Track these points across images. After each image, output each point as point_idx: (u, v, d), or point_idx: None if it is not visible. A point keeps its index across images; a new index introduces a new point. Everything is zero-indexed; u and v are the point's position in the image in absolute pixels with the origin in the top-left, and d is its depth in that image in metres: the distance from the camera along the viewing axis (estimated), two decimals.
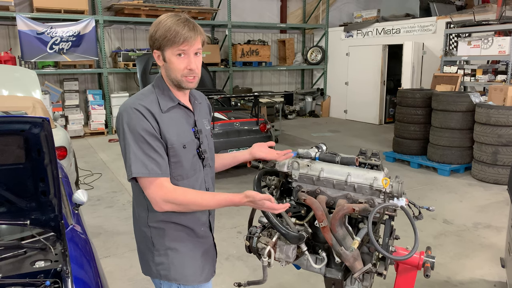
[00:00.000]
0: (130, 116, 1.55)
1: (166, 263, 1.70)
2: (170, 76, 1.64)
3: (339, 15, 12.90)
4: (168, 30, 1.54)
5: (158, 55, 1.63)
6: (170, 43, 1.56)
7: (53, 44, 8.65)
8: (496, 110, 5.69)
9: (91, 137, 9.43)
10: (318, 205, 1.86)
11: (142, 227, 1.72)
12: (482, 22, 7.46)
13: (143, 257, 1.76)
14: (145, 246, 1.72)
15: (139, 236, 1.76)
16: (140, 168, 1.53)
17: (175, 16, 1.58)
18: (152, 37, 1.60)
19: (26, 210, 1.91)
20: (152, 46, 1.63)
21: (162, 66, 1.65)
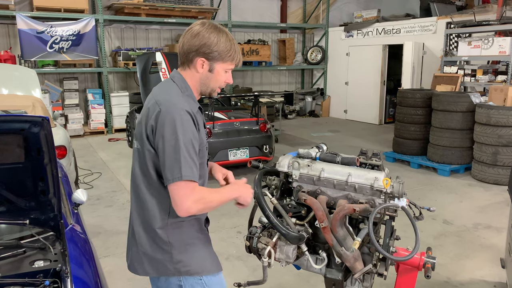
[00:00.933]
0: (183, 118, 1.54)
1: (186, 259, 1.69)
2: (207, 85, 1.70)
3: (339, 15, 12.89)
4: (232, 47, 1.65)
5: (202, 63, 1.64)
6: (229, 59, 1.66)
7: (53, 43, 8.64)
8: (496, 110, 5.68)
9: (91, 136, 9.42)
10: (318, 205, 1.85)
11: (156, 229, 1.66)
12: (483, 23, 7.46)
13: (154, 259, 1.69)
14: (158, 248, 1.67)
15: (147, 240, 1.69)
16: (189, 172, 1.53)
17: (226, 33, 1.66)
18: (210, 46, 1.61)
19: (26, 210, 1.90)
20: (204, 54, 1.63)
21: (199, 73, 1.67)
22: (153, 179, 1.63)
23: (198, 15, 10.48)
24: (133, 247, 1.75)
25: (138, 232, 1.71)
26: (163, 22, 10.09)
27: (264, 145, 6.15)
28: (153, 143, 1.58)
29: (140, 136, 1.64)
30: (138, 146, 1.66)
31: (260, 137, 6.13)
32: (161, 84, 1.73)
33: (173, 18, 9.97)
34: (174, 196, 1.54)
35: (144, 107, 1.69)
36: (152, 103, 1.62)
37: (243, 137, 6.00)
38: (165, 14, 9.89)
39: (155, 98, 1.63)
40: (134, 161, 1.71)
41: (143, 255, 1.70)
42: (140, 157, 1.65)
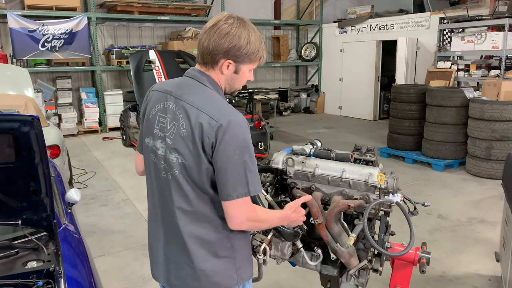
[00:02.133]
0: (244, 131, 1.45)
1: (246, 262, 1.64)
2: (232, 86, 1.60)
3: (333, 11, 12.87)
4: (260, 46, 1.55)
5: (228, 65, 1.53)
6: (256, 59, 1.57)
7: (45, 41, 8.56)
8: (489, 105, 5.71)
9: (85, 135, 9.37)
10: (313, 202, 1.85)
11: (221, 237, 1.56)
12: (476, 18, 7.48)
13: (215, 273, 1.57)
14: (220, 259, 1.57)
15: (207, 254, 1.56)
16: (257, 186, 1.48)
17: (254, 30, 1.54)
18: (240, 49, 1.49)
19: (18, 210, 1.88)
20: (232, 56, 1.51)
21: (224, 75, 1.55)
22: (212, 191, 1.51)
23: (192, 12, 10.44)
24: (184, 267, 1.58)
25: (193, 249, 1.55)
26: (156, 20, 10.02)
27: (259, 142, 6.14)
28: (210, 158, 1.46)
29: (189, 151, 1.47)
30: (184, 161, 1.49)
31: (255, 134, 6.12)
32: (191, 89, 1.54)
33: (166, 15, 9.91)
34: (231, 212, 1.47)
35: (180, 117, 1.50)
36: (204, 117, 1.44)
37: None
38: (158, 11, 9.83)
39: (203, 110, 1.46)
40: (179, 177, 1.52)
41: (201, 272, 1.56)
42: (190, 172, 1.49)
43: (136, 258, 3.70)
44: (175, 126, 1.50)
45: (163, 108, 1.56)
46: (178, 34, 10.61)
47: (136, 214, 4.75)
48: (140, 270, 3.49)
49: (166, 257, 1.63)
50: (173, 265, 1.61)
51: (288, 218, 1.65)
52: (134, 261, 3.65)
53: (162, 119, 1.56)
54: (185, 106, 1.50)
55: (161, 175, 1.57)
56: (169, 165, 1.53)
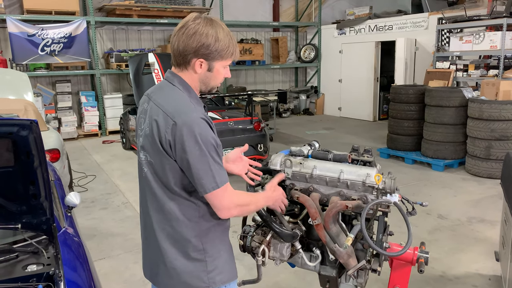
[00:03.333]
0: (201, 127, 1.48)
1: (220, 265, 1.65)
2: (209, 84, 1.62)
3: (331, 13, 12.90)
4: (230, 42, 1.56)
5: (201, 63, 1.55)
6: (228, 55, 1.58)
7: (44, 46, 8.59)
8: (488, 104, 5.71)
9: (85, 139, 9.38)
10: (311, 203, 1.85)
11: (190, 238, 1.58)
12: (474, 18, 7.50)
13: (185, 273, 1.59)
14: (191, 260, 1.59)
15: (178, 253, 1.59)
16: (222, 177, 1.51)
17: (222, 27, 1.56)
18: (208, 47, 1.52)
19: (17, 214, 1.89)
20: (203, 55, 1.53)
21: (197, 74, 1.58)
22: (177, 189, 1.55)
23: None
24: (160, 265, 1.63)
25: (164, 248, 1.60)
26: (155, 23, 10.05)
27: (258, 144, 6.15)
28: (173, 156, 1.50)
29: (152, 149, 1.54)
30: (151, 160, 1.56)
31: (254, 136, 6.13)
32: (162, 90, 1.60)
33: (165, 18, 9.93)
34: (215, 203, 1.53)
35: (147, 117, 1.57)
36: (161, 115, 1.51)
37: (237, 137, 6.00)
38: (157, 14, 9.85)
39: (163, 109, 1.51)
40: (148, 175, 1.59)
41: (173, 270, 1.60)
42: (156, 170, 1.55)
43: (136, 261, 3.71)
44: (146, 125, 1.58)
45: (142, 109, 1.64)
46: None
47: (136, 217, 4.75)
48: (140, 273, 3.47)
49: (147, 255, 1.73)
50: (152, 263, 1.68)
51: (271, 197, 1.76)
52: (134, 264, 3.65)
53: (140, 120, 1.64)
54: (152, 106, 1.57)
55: (141, 174, 1.66)
56: (143, 163, 1.62)
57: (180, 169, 1.52)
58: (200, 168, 1.47)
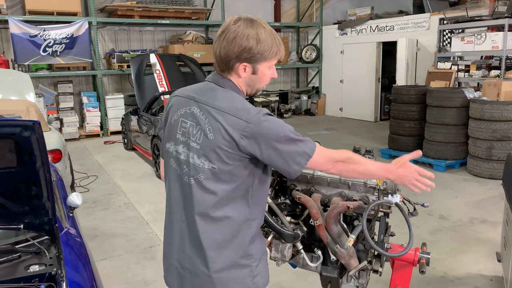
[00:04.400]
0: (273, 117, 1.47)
1: (263, 270, 1.61)
2: (254, 87, 1.58)
3: (333, 13, 12.91)
4: (273, 42, 1.51)
5: (245, 67, 1.50)
6: (272, 56, 1.52)
7: (46, 46, 8.61)
8: (490, 105, 5.71)
9: (87, 139, 9.39)
10: (312, 203, 1.86)
11: (241, 244, 1.54)
12: (475, 18, 7.49)
13: (231, 280, 1.54)
14: (238, 266, 1.54)
15: (226, 260, 1.53)
16: (311, 145, 1.47)
17: (264, 27, 1.51)
18: (250, 50, 1.47)
19: (20, 214, 1.90)
20: (246, 59, 1.49)
21: (242, 78, 1.54)
22: (238, 190, 1.50)
23: (192, 16, 10.47)
24: (201, 275, 1.54)
25: (211, 256, 1.52)
26: (157, 24, 10.07)
27: None
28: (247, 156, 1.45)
29: (214, 155, 1.46)
30: (212, 165, 1.47)
31: None
32: (213, 93, 1.53)
33: (167, 19, 9.95)
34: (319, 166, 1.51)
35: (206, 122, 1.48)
36: (231, 118, 1.44)
37: None
38: (159, 15, 9.87)
39: (229, 112, 1.45)
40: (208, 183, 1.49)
41: (218, 279, 1.53)
42: (216, 175, 1.47)
43: (137, 261, 3.72)
44: (201, 131, 1.48)
45: (186, 113, 1.54)
46: (178, 37, 10.65)
47: (138, 218, 4.76)
48: (141, 273, 3.50)
49: (180, 264, 1.60)
50: (188, 272, 1.57)
51: (394, 172, 1.55)
52: (136, 264, 3.66)
53: (184, 124, 1.54)
54: (210, 110, 1.48)
55: (183, 180, 1.56)
56: (193, 169, 1.51)
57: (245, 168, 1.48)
58: (291, 149, 1.43)
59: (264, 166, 1.55)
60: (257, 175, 1.54)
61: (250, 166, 1.50)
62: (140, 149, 7.28)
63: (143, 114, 7.12)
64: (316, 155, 1.47)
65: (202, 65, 9.14)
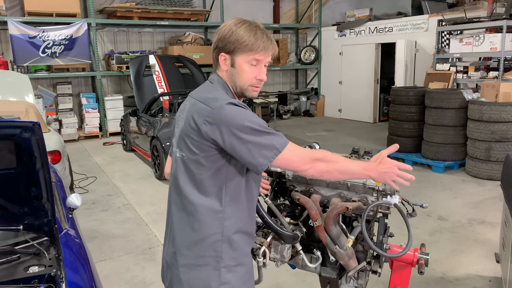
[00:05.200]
0: (238, 107, 1.44)
1: (233, 282, 1.53)
2: (235, 83, 1.57)
3: (332, 15, 12.93)
4: (247, 36, 1.49)
5: (224, 59, 1.53)
6: (247, 49, 1.50)
7: (45, 47, 8.61)
8: (488, 106, 5.72)
9: (86, 140, 9.39)
10: (312, 204, 1.86)
11: (211, 241, 1.51)
12: (473, 20, 7.51)
13: (197, 278, 1.52)
14: (205, 265, 1.52)
15: (194, 256, 1.52)
16: (282, 140, 1.42)
17: (249, 23, 1.52)
18: (224, 39, 1.50)
19: (19, 215, 1.90)
20: (222, 48, 1.53)
21: (226, 70, 1.56)
22: (208, 186, 1.49)
23: (191, 17, 10.48)
24: (173, 268, 1.58)
25: (180, 250, 1.54)
26: (156, 25, 10.08)
27: None
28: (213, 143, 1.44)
29: (186, 143, 1.49)
30: (184, 154, 1.51)
31: None
32: (201, 87, 1.63)
33: (166, 20, 9.96)
34: (289, 166, 1.45)
35: (185, 112, 1.54)
36: (198, 104, 1.49)
37: None
38: (158, 17, 9.88)
39: (199, 99, 1.51)
40: (178, 171, 1.54)
41: (184, 274, 1.53)
42: (188, 164, 1.50)
43: (137, 262, 3.72)
44: (181, 120, 1.57)
45: (181, 108, 1.64)
46: (177, 39, 10.66)
47: (136, 219, 4.76)
48: (141, 275, 3.50)
49: (165, 257, 1.67)
50: (166, 265, 1.65)
51: (375, 169, 1.52)
52: (135, 265, 3.66)
53: (179, 119, 1.63)
54: (190, 100, 1.58)
55: (172, 172, 1.63)
56: (175, 160, 1.58)
57: (214, 162, 1.46)
58: (254, 141, 1.39)
59: (236, 164, 1.50)
60: (231, 173, 1.51)
61: (220, 161, 1.47)
62: (139, 150, 7.28)
63: (142, 115, 7.12)
64: (288, 151, 1.42)
65: (201, 66, 9.15)
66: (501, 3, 7.83)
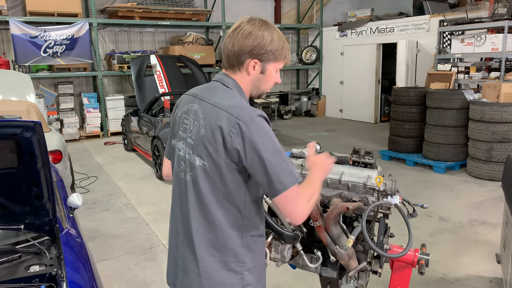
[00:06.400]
0: (266, 124, 1.43)
1: (255, 282, 1.55)
2: (260, 88, 1.57)
3: (333, 15, 12.93)
4: (284, 44, 1.53)
5: (254, 65, 1.51)
6: (281, 57, 1.54)
7: (46, 47, 8.62)
8: (490, 107, 5.72)
9: (87, 140, 9.40)
10: None
11: (232, 247, 1.50)
12: (475, 20, 7.50)
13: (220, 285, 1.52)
14: (228, 271, 1.51)
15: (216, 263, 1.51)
16: (297, 174, 1.42)
17: (277, 29, 1.54)
18: (263, 47, 1.48)
19: (20, 215, 1.90)
20: (257, 55, 1.49)
21: (250, 76, 1.53)
22: (230, 195, 1.47)
23: (192, 17, 10.49)
24: (190, 273, 1.55)
25: (202, 256, 1.51)
26: (157, 25, 10.09)
27: None
28: (235, 158, 1.41)
29: (208, 152, 1.44)
30: (204, 162, 1.46)
31: None
32: (215, 91, 1.53)
33: (167, 20, 9.96)
34: (287, 206, 1.40)
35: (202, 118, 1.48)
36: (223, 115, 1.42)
37: None
38: (159, 16, 9.89)
39: (223, 108, 1.43)
40: (198, 179, 1.49)
41: (206, 280, 1.51)
42: (210, 174, 1.46)
43: (137, 262, 3.72)
44: (196, 126, 1.49)
45: (188, 110, 1.56)
46: (179, 39, 10.67)
47: (137, 219, 4.76)
48: (141, 274, 3.51)
49: (175, 261, 1.61)
50: (180, 270, 1.58)
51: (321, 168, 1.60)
52: (136, 265, 3.66)
53: (185, 121, 1.56)
54: (208, 107, 1.49)
55: (180, 176, 1.57)
56: (189, 166, 1.51)
57: (239, 172, 1.44)
58: (276, 163, 1.37)
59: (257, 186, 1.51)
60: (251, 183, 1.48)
61: (243, 172, 1.45)
62: (140, 150, 7.29)
63: (143, 115, 7.13)
64: (297, 187, 1.40)
65: (202, 66, 9.16)
66: (503, 3, 7.81)
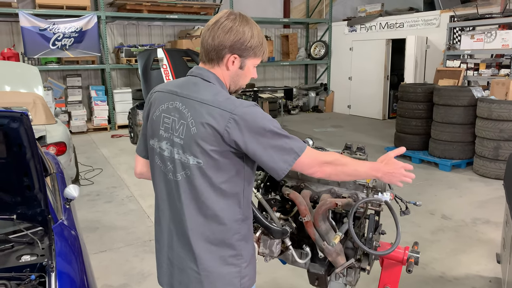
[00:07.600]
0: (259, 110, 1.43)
1: (251, 272, 1.58)
2: (237, 83, 1.57)
3: (342, 10, 12.80)
4: (263, 40, 1.54)
5: (234, 60, 1.50)
6: (259, 54, 1.55)
7: (55, 40, 8.69)
8: (498, 104, 5.62)
9: (94, 132, 9.48)
10: (301, 200, 1.86)
11: (232, 242, 1.51)
12: (486, 16, 7.36)
13: (219, 278, 1.52)
14: (227, 265, 1.52)
15: (215, 258, 1.51)
16: (300, 144, 1.44)
17: (254, 23, 1.54)
18: (244, 43, 1.48)
19: (12, 205, 1.92)
20: (237, 50, 1.49)
21: (229, 71, 1.52)
22: (229, 188, 1.47)
23: (200, 11, 10.48)
24: (189, 271, 1.54)
25: (200, 254, 1.50)
26: (165, 19, 10.09)
27: None
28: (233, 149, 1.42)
29: (199, 149, 1.42)
30: (198, 160, 1.44)
31: None
32: (197, 87, 1.49)
33: (175, 14, 9.97)
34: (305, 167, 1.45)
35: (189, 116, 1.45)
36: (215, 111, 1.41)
37: None
38: (167, 10, 9.90)
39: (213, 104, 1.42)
40: (194, 178, 1.46)
41: (206, 277, 1.51)
42: (205, 170, 1.44)
43: (136, 254, 3.75)
44: (184, 125, 1.45)
45: (168, 108, 1.51)
46: (187, 32, 10.67)
47: (139, 211, 4.80)
48: (139, 266, 3.53)
49: (169, 261, 1.60)
50: (176, 269, 1.57)
51: (381, 169, 1.53)
52: (134, 257, 3.70)
53: (166, 120, 1.51)
54: (193, 104, 1.45)
55: (167, 177, 1.53)
56: (180, 166, 1.48)
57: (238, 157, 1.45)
58: (275, 145, 1.40)
59: (252, 166, 1.52)
60: (248, 174, 1.51)
61: (238, 163, 1.46)
62: None
63: None
64: (305, 155, 1.43)
65: None
66: None
